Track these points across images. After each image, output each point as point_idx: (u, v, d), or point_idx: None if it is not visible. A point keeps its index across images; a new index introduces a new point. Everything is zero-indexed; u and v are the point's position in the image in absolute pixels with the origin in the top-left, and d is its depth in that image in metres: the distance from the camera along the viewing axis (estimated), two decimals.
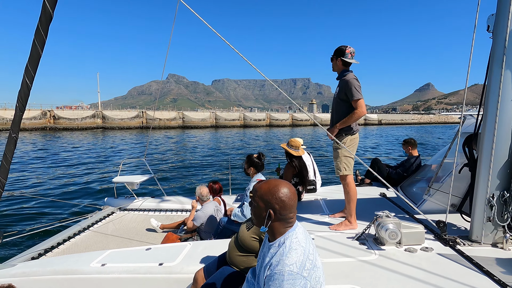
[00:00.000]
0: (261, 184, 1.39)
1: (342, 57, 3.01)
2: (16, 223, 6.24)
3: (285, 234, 1.33)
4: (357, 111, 2.90)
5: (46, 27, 2.10)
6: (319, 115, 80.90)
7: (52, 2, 2.04)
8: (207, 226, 3.70)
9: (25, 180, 10.50)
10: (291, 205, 1.32)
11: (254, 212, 1.39)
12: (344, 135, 3.08)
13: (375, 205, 3.76)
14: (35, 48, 2.16)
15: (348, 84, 2.91)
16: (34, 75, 2.27)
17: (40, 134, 35.55)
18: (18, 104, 2.36)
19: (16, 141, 2.50)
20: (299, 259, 1.24)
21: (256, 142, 27.34)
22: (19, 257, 3.22)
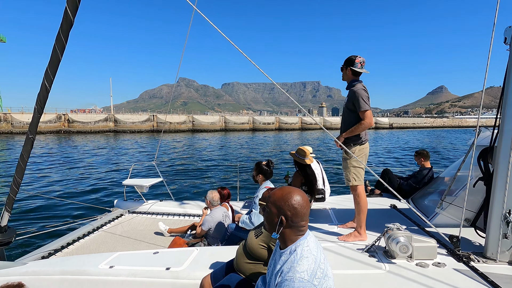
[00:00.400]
0: (274, 191, 1.41)
1: (351, 66, 3.00)
2: (28, 222, 6.41)
3: (297, 242, 1.34)
4: (364, 122, 2.89)
5: (66, 33, 2.15)
6: (329, 118, 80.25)
7: (74, 10, 2.08)
8: (214, 232, 3.70)
9: (38, 181, 10.81)
10: (303, 213, 1.33)
11: (267, 218, 1.40)
12: (352, 145, 3.05)
13: (385, 216, 3.69)
14: (55, 53, 2.21)
15: (356, 95, 2.91)
16: (53, 79, 2.33)
17: (54, 137, 36.52)
18: (36, 106, 2.41)
19: (33, 142, 2.56)
20: (310, 267, 1.24)
21: (265, 147, 27.31)
22: (29, 256, 3.29)
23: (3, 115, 43.25)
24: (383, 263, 2.40)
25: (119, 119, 50.29)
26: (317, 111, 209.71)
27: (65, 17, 2.08)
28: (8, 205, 2.81)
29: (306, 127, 68.46)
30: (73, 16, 2.09)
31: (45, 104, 2.44)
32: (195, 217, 4.86)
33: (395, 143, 31.20)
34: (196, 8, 2.61)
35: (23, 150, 2.58)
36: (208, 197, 3.92)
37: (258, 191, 3.49)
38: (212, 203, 3.92)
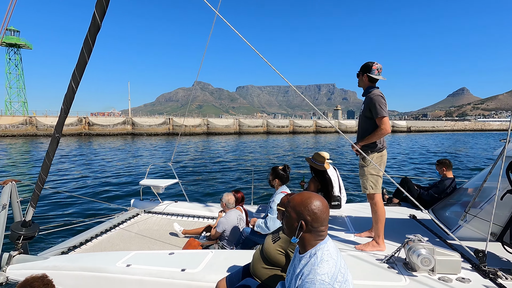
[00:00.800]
0: (294, 196, 1.42)
1: (368, 73, 2.95)
2: (49, 217, 6.66)
3: (316, 246, 1.35)
4: (381, 129, 2.81)
5: (94, 36, 2.22)
6: (344, 121, 79.06)
7: (101, 14, 2.15)
8: (229, 235, 3.70)
9: (59, 179, 11.25)
10: (323, 218, 1.34)
11: (286, 222, 1.42)
12: (370, 152, 2.97)
13: (404, 227, 3.57)
14: (82, 56, 2.29)
15: (372, 101, 2.85)
16: (79, 80, 2.41)
17: (75, 140, 37.92)
18: (63, 107, 2.50)
19: (59, 141, 2.66)
20: (330, 271, 1.25)
21: (279, 150, 27.21)
22: (50, 251, 3.40)
23: (29, 118, 45.41)
24: (403, 275, 2.32)
25: (136, 122, 51.62)
26: (332, 114, 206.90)
27: (93, 21, 2.15)
28: (33, 201, 2.93)
29: (321, 131, 67.74)
30: (101, 21, 2.16)
31: (71, 105, 2.52)
32: (209, 219, 4.88)
33: (412, 147, 30.30)
34: (217, 13, 2.62)
35: (49, 149, 2.68)
36: (223, 200, 3.94)
37: (274, 195, 3.47)
38: (227, 206, 3.93)
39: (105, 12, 2.16)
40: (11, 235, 2.96)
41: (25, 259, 2.95)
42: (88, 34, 2.20)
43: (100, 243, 3.85)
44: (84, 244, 3.77)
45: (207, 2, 2.36)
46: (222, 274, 2.39)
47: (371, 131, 2.90)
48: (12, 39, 57.00)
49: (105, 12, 2.16)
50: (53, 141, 2.64)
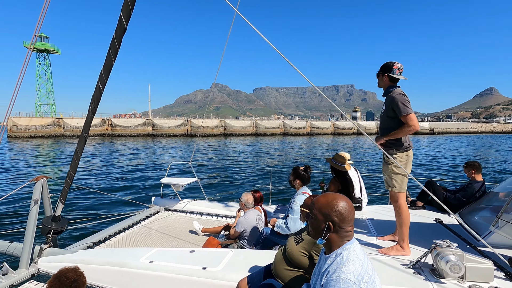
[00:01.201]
0: (318, 197, 1.43)
1: (389, 73, 2.86)
2: (75, 212, 6.95)
3: (343, 246, 1.34)
4: (409, 125, 2.70)
5: (120, 38, 2.29)
6: (363, 123, 77.31)
7: (127, 17, 2.21)
8: (248, 234, 3.71)
9: (86, 177, 11.72)
10: (350, 219, 1.35)
11: (312, 224, 1.42)
12: (395, 150, 2.87)
13: (429, 231, 3.43)
14: (109, 57, 2.36)
15: (395, 100, 2.75)
16: (106, 81, 2.48)
17: (99, 140, 39.45)
18: (91, 107, 2.59)
19: (86, 139, 2.76)
20: (357, 270, 1.23)
21: (296, 152, 26.99)
22: (77, 245, 3.53)
23: (56, 119, 47.78)
24: (430, 281, 2.21)
25: (156, 124, 53.00)
26: (351, 116, 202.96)
27: (119, 24, 2.21)
28: (63, 197, 3.07)
29: (339, 132, 66.61)
30: (126, 23, 2.22)
31: (98, 104, 2.61)
32: (227, 218, 4.91)
33: (434, 149, 29.11)
34: (237, 11, 2.60)
35: (77, 147, 2.79)
36: (242, 199, 3.94)
37: (295, 196, 3.44)
38: (246, 205, 3.93)
39: (130, 15, 2.22)
40: (42, 229, 3.10)
41: (55, 252, 3.09)
42: (114, 36, 2.26)
43: (123, 238, 3.97)
44: (108, 239, 3.89)
45: (227, 1, 2.35)
46: (243, 273, 2.39)
47: (395, 130, 2.81)
48: (42, 45, 60.29)
49: (130, 15, 2.22)
50: (81, 140, 2.75)
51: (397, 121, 2.80)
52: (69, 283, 1.68)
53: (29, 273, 2.88)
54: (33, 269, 2.93)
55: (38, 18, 2.70)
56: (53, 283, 1.68)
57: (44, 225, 3.11)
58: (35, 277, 2.92)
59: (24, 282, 2.82)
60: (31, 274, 2.90)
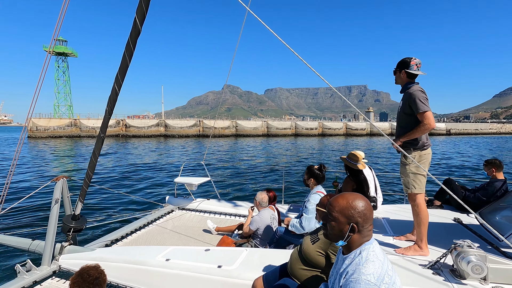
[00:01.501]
0: (336, 199, 1.37)
1: (406, 69, 2.80)
2: (92, 211, 7.11)
3: (361, 246, 1.32)
4: (424, 124, 2.64)
5: (134, 41, 2.33)
6: (376, 124, 75.89)
7: (141, 20, 2.25)
8: (262, 234, 3.70)
9: (102, 177, 12.00)
10: (371, 217, 1.33)
11: (333, 228, 1.37)
12: (412, 149, 2.81)
13: (448, 231, 3.33)
14: (124, 60, 2.40)
15: (412, 97, 2.69)
16: (122, 83, 2.53)
17: (114, 140, 40.39)
18: (107, 108, 2.65)
19: (103, 140, 2.83)
20: (376, 271, 1.20)
21: (308, 152, 26.78)
22: (95, 243, 3.62)
23: (73, 120, 49.27)
24: (451, 283, 2.15)
25: (169, 124, 53.81)
26: (363, 117, 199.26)
27: (134, 27, 2.25)
28: (82, 196, 3.15)
29: (351, 133, 65.67)
30: (141, 25, 2.26)
31: (115, 106, 2.66)
32: (240, 217, 4.93)
33: (451, 150, 28.24)
34: (249, 9, 2.58)
35: (95, 147, 2.86)
36: (257, 198, 3.95)
37: (309, 195, 3.41)
38: (261, 204, 3.94)
39: (144, 18, 2.25)
40: (63, 227, 3.20)
41: (75, 249, 3.18)
42: (129, 39, 2.30)
43: (139, 237, 4.04)
44: (125, 237, 3.97)
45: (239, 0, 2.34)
46: (258, 272, 2.40)
47: (411, 128, 2.75)
48: (61, 48, 62.32)
49: (144, 18, 2.25)
50: (99, 140, 2.81)
51: (414, 118, 2.74)
52: (91, 280, 1.74)
53: (51, 270, 2.97)
54: (54, 266, 3.01)
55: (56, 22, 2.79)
56: (76, 280, 1.74)
57: (64, 224, 3.21)
58: (57, 274, 3.01)
59: (47, 279, 2.91)
60: (53, 271, 2.98)
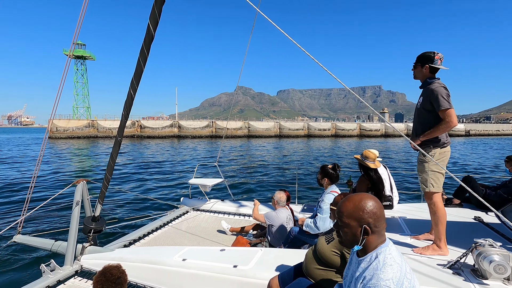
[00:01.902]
0: (343, 204, 1.31)
1: (431, 64, 2.69)
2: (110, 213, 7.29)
3: (377, 249, 1.27)
4: (447, 121, 2.56)
5: (148, 46, 2.37)
6: (392, 124, 74.12)
7: (154, 25, 2.29)
8: (277, 233, 3.69)
9: (119, 179, 12.29)
10: (383, 215, 1.28)
11: (346, 234, 1.31)
12: (432, 147, 2.73)
13: (469, 230, 3.22)
14: (139, 65, 2.45)
15: (434, 93, 2.60)
16: (137, 87, 2.59)
17: (129, 141, 41.34)
18: (123, 112, 2.71)
19: (121, 143, 2.91)
20: (395, 276, 1.16)
21: (321, 153, 26.51)
22: (115, 244, 3.71)
23: (91, 121, 50.81)
24: (472, 283, 2.07)
25: (182, 125, 54.60)
26: (378, 118, 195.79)
27: (148, 32, 2.30)
28: (101, 198, 3.24)
29: (365, 134, 64.53)
30: (154, 31, 2.30)
31: (131, 110, 2.73)
32: None
33: (470, 151, 27.24)
34: (258, 10, 2.57)
35: (113, 151, 2.93)
36: (275, 197, 3.95)
37: (323, 195, 3.38)
38: (279, 203, 3.93)
39: (157, 23, 2.28)
40: (84, 228, 3.30)
41: (95, 250, 3.27)
42: (143, 44, 2.35)
43: (156, 238, 4.13)
44: (142, 238, 4.06)
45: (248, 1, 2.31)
46: (273, 272, 2.41)
47: (432, 125, 2.67)
48: (79, 52, 64.50)
49: (157, 23, 2.28)
50: (116, 144, 2.89)
51: (434, 115, 2.66)
52: (113, 279, 1.81)
53: (73, 269, 3.06)
54: (76, 266, 3.10)
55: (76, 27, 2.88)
56: (99, 279, 1.81)
57: (85, 225, 3.30)
58: (79, 274, 3.09)
59: (69, 278, 3.00)
60: (75, 271, 3.07)
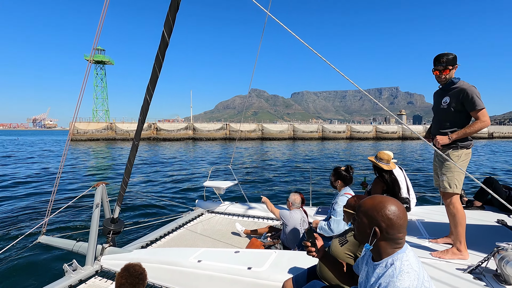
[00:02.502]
0: (366, 199, 1.32)
1: (457, 64, 2.70)
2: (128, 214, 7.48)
3: (394, 255, 1.23)
4: (482, 121, 2.54)
5: (163, 53, 2.44)
6: (409, 127, 72.03)
7: (169, 32, 2.35)
8: (290, 235, 3.68)
9: (136, 181, 12.60)
10: (400, 225, 1.21)
11: (357, 228, 1.32)
12: (460, 148, 2.67)
13: (491, 234, 3.10)
14: (154, 71, 2.53)
15: (467, 93, 2.58)
16: (153, 93, 2.67)
17: (146, 144, 42.32)
18: (140, 117, 2.80)
19: (137, 147, 2.99)
20: (412, 284, 1.12)
21: (335, 154, 26.14)
22: (132, 245, 3.81)
23: (109, 124, 52.41)
24: None
25: (197, 128, 55.39)
26: (395, 120, 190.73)
27: (162, 39, 2.36)
28: (119, 201, 3.35)
29: (382, 136, 63.11)
30: (169, 38, 2.36)
31: (147, 115, 2.81)
32: (267, 219, 4.96)
33: (491, 153, 26.05)
34: (269, 13, 2.57)
35: (130, 155, 3.03)
36: (290, 199, 3.95)
37: (337, 197, 3.35)
38: (293, 204, 3.93)
39: (172, 30, 2.34)
40: (103, 229, 3.41)
41: (114, 251, 3.38)
42: (158, 51, 2.42)
43: (172, 239, 4.21)
44: (159, 240, 4.15)
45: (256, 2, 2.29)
46: (287, 274, 2.42)
47: (462, 125, 2.64)
48: (99, 57, 66.97)
49: (172, 30, 2.34)
50: (133, 148, 2.98)
51: (464, 115, 2.63)
52: (136, 274, 1.93)
53: (93, 269, 3.16)
54: (97, 266, 3.20)
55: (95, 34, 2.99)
56: (123, 274, 1.92)
57: (104, 226, 3.41)
58: (99, 273, 3.19)
59: (90, 278, 3.10)
60: (95, 271, 3.18)
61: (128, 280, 1.88)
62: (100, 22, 2.98)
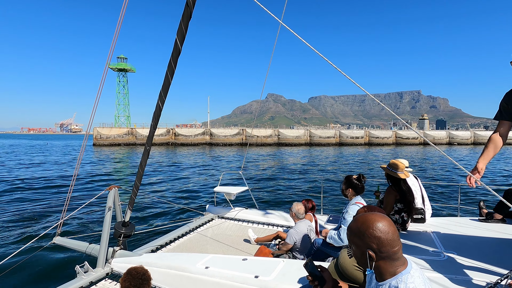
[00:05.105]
0: (352, 222, 1.27)
1: None
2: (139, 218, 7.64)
3: (397, 276, 1.16)
4: None
5: (175, 60, 2.48)
6: (431, 132, 69.37)
7: (181, 40, 2.38)
8: (299, 245, 3.63)
9: (149, 185, 12.89)
10: (390, 239, 1.15)
11: (354, 255, 1.28)
12: None
13: (511, 248, 2.89)
14: (167, 78, 2.57)
15: None
16: (165, 99, 2.72)
17: (164, 148, 43.35)
18: (152, 123, 2.87)
19: (149, 152, 3.06)
20: None
21: (352, 161, 25.57)
22: (142, 248, 3.88)
23: (130, 129, 54.18)
24: None
25: (213, 133, 56.09)
26: (417, 124, 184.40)
27: (175, 47, 2.40)
28: (130, 204, 3.42)
29: (402, 142, 61.17)
30: (181, 46, 2.40)
31: (159, 120, 2.87)
32: (277, 227, 4.92)
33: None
34: (282, 23, 2.58)
35: (142, 160, 3.10)
36: (293, 209, 3.89)
37: (348, 206, 3.27)
38: (297, 215, 3.87)
39: (184, 38, 2.37)
40: (115, 233, 3.49)
41: (125, 254, 3.44)
42: (171, 58, 2.46)
43: (181, 244, 4.25)
44: (169, 244, 4.20)
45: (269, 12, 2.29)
46: (295, 284, 2.38)
47: None
48: (121, 65, 69.69)
49: (184, 38, 2.37)
50: (145, 153, 3.04)
51: None
52: (138, 276, 1.99)
53: (104, 271, 3.24)
54: (107, 269, 3.28)
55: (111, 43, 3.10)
56: (126, 278, 1.98)
57: (116, 230, 3.49)
58: (109, 276, 3.26)
59: (101, 280, 3.17)
60: (106, 273, 3.25)
61: (132, 283, 1.92)
62: (116, 31, 3.10)
